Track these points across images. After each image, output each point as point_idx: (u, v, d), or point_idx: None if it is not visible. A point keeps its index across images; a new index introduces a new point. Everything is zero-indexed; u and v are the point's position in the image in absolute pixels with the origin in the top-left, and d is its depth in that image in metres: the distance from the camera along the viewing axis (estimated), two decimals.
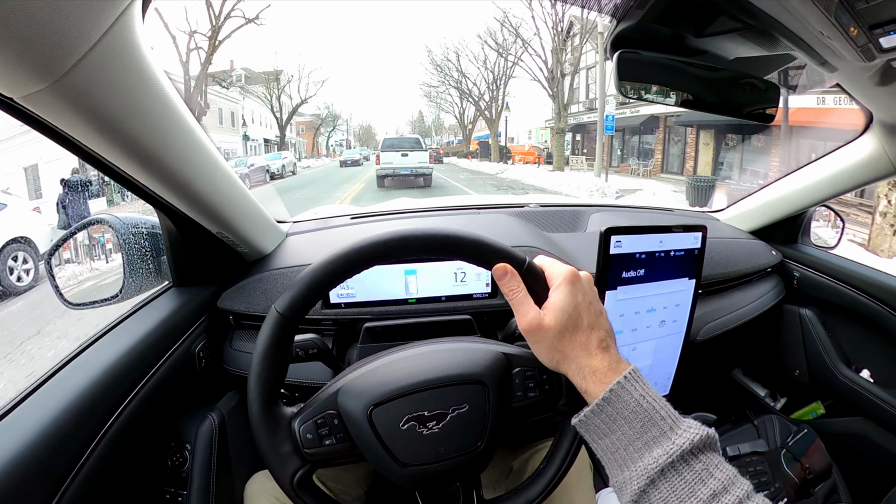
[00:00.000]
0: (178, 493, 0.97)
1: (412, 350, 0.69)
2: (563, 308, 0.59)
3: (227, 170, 0.92)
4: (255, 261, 1.19)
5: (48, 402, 0.72)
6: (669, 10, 0.76)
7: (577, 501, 0.96)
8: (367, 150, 47.09)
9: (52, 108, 0.56)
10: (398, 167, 16.45)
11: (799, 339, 1.65)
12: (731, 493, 0.50)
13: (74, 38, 0.48)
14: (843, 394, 1.57)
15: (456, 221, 1.46)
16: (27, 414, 0.70)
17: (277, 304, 0.60)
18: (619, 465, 0.55)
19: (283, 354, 0.62)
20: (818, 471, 1.54)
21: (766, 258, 1.59)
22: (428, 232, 0.62)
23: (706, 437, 0.53)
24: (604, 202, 1.78)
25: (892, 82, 0.87)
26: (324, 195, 15.95)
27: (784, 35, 0.69)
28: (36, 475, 0.66)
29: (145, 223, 1.00)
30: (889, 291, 1.44)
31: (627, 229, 1.04)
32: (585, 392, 0.58)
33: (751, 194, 1.71)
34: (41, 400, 0.73)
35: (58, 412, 0.71)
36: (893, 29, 0.61)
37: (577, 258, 1.28)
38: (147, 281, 0.99)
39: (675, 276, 1.13)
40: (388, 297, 1.14)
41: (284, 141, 38.77)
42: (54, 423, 0.69)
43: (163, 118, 0.70)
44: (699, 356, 1.35)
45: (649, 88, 0.89)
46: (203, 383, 1.06)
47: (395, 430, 0.61)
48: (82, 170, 9.71)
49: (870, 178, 1.33)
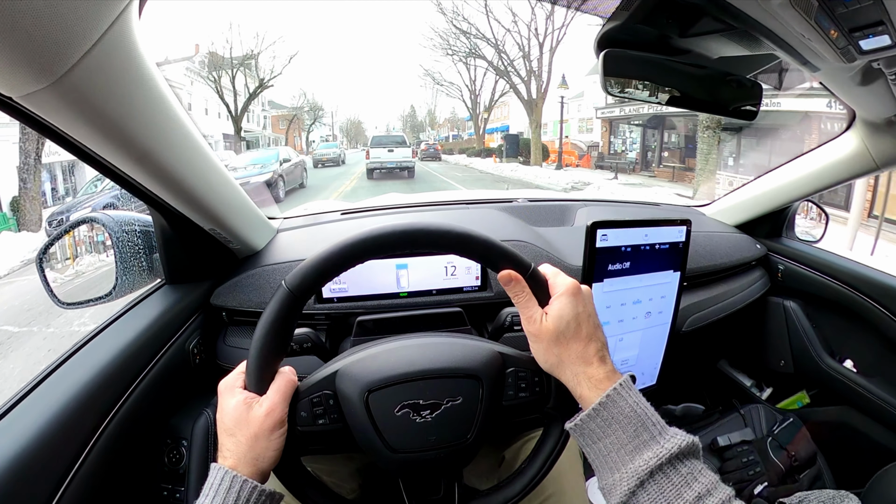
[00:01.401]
0: (175, 490, 0.98)
1: (412, 340, 0.71)
2: (562, 315, 0.61)
3: (219, 167, 0.92)
4: (246, 257, 1.20)
5: (45, 402, 0.73)
6: (655, 11, 0.77)
7: (568, 489, 0.98)
8: (339, 147, 35.32)
9: (51, 108, 0.56)
10: (385, 161, 18.69)
11: (784, 331, 1.69)
12: (714, 496, 0.52)
13: (75, 38, 0.49)
14: (827, 383, 1.60)
15: (446, 216, 1.47)
16: (25, 415, 0.71)
17: (287, 280, 0.61)
18: (609, 467, 0.57)
19: (287, 332, 0.63)
20: (804, 458, 1.58)
21: (750, 251, 1.62)
22: (442, 227, 0.63)
23: (691, 444, 0.56)
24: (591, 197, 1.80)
25: (872, 82, 0.89)
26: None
27: (766, 36, 0.70)
28: (35, 476, 0.67)
29: (138, 221, 1.00)
30: (871, 284, 1.47)
31: (613, 223, 1.06)
32: (580, 397, 0.61)
33: (736, 189, 1.74)
34: (38, 401, 0.73)
35: (55, 413, 0.71)
36: (872, 32, 0.63)
37: (565, 251, 1.29)
38: (140, 279, 0.99)
39: (660, 269, 1.15)
40: (380, 291, 1.15)
41: (241, 135, 31.11)
42: (52, 424, 0.70)
43: (159, 116, 0.70)
44: (685, 347, 1.38)
45: (635, 85, 0.90)
46: (198, 380, 1.07)
47: (390, 415, 0.63)
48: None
49: (852, 174, 1.36)
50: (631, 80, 0.90)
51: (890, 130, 1.15)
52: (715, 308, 1.45)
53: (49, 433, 0.69)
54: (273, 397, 0.60)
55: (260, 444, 0.58)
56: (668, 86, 0.91)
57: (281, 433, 0.60)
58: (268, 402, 0.59)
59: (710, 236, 1.56)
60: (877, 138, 1.21)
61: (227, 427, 0.60)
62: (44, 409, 0.71)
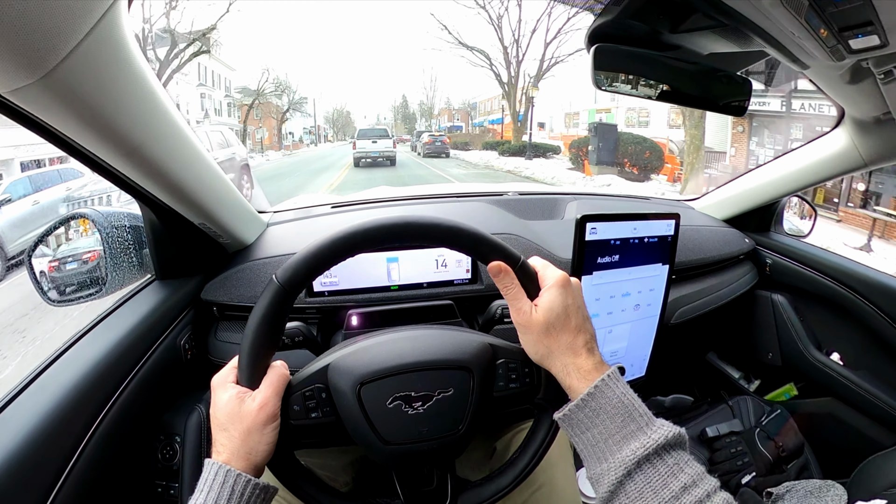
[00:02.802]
0: (169, 486, 0.98)
1: (403, 333, 0.71)
2: (552, 307, 0.62)
3: (209, 160, 0.92)
4: (236, 252, 1.20)
5: (38, 401, 0.72)
6: (646, 6, 0.78)
7: (559, 478, 0.99)
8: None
9: (40, 103, 0.56)
10: (369, 151, 21.06)
11: (771, 324, 1.71)
12: (699, 486, 0.53)
13: (64, 33, 0.48)
14: (814, 376, 1.63)
15: (436, 210, 1.47)
16: (18, 414, 0.70)
17: (278, 274, 0.61)
18: (597, 457, 0.58)
19: (278, 326, 0.63)
20: (791, 449, 1.61)
21: (738, 245, 1.64)
22: (432, 220, 0.64)
23: (678, 435, 0.57)
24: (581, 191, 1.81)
25: (861, 81, 0.90)
26: None
27: (757, 34, 0.71)
28: (30, 476, 0.66)
29: (127, 216, 1.00)
30: (858, 279, 1.50)
31: (602, 216, 1.07)
32: (569, 388, 0.61)
33: (726, 183, 1.75)
34: (31, 399, 0.73)
35: (48, 411, 0.71)
36: (862, 32, 0.64)
37: (555, 245, 1.30)
38: (130, 274, 0.99)
39: (648, 262, 1.16)
40: (371, 285, 1.15)
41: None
42: (45, 423, 0.70)
43: (148, 110, 0.70)
44: (674, 339, 1.40)
45: (625, 80, 0.91)
46: (190, 375, 1.06)
47: (382, 407, 0.63)
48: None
49: (841, 170, 1.38)
50: (621, 75, 0.91)
51: (878, 128, 1.17)
52: (703, 301, 1.47)
53: (43, 431, 0.69)
54: (265, 391, 0.60)
55: (253, 438, 0.59)
56: (658, 81, 0.92)
57: (274, 427, 0.60)
58: (260, 397, 0.60)
59: (698, 230, 1.57)
60: (865, 136, 1.22)
61: (220, 422, 0.60)
62: (37, 408, 0.71)
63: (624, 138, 16.90)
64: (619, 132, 17.49)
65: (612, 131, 17.51)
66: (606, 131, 17.43)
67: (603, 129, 17.64)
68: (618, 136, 17.13)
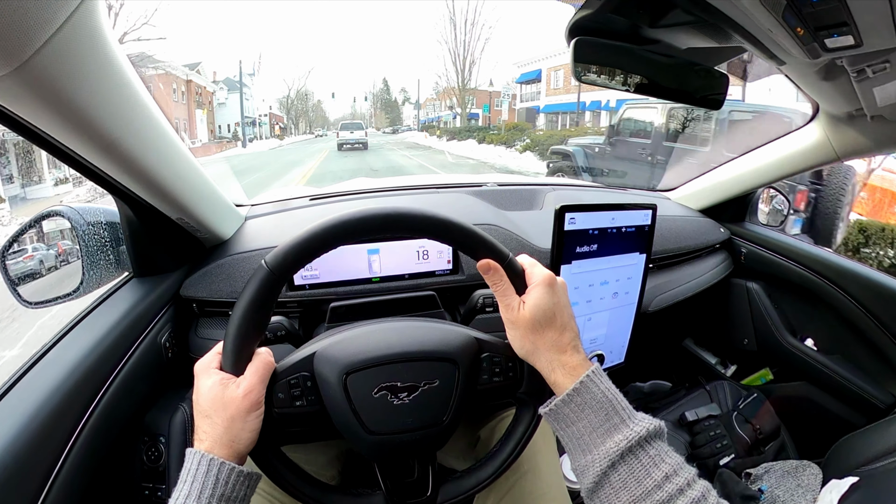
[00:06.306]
0: (156, 489, 0.96)
1: (390, 323, 0.71)
2: (539, 305, 0.63)
3: (186, 153, 0.90)
4: (214, 246, 1.17)
5: (19, 406, 0.71)
6: (626, 1, 0.78)
7: (543, 465, 1.01)
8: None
9: (13, 95, 0.54)
10: (349, 139, 29.17)
11: (747, 311, 1.75)
12: (679, 475, 0.56)
13: (38, 23, 0.47)
14: (789, 361, 1.68)
15: (416, 201, 1.46)
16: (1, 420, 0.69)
17: (267, 259, 0.60)
18: (582, 450, 0.60)
19: (266, 312, 0.62)
20: (768, 431, 1.67)
21: (714, 235, 1.67)
22: (424, 213, 0.64)
23: (658, 427, 0.60)
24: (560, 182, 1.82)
25: (836, 78, 0.92)
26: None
27: (735, 30, 0.72)
28: (15, 484, 0.65)
29: (103, 213, 0.97)
30: (829, 267, 1.55)
31: (581, 207, 1.08)
32: (554, 383, 0.63)
33: (702, 175, 1.78)
34: (11, 405, 0.71)
35: (30, 416, 0.69)
36: (837, 31, 0.65)
37: (534, 235, 1.31)
38: (107, 273, 0.96)
39: (626, 251, 1.19)
40: (352, 277, 1.14)
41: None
42: (27, 431, 0.68)
43: (126, 103, 0.68)
44: (652, 326, 1.42)
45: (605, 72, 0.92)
46: (172, 374, 1.05)
47: (368, 397, 0.64)
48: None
49: (814, 163, 1.42)
50: (601, 68, 0.91)
51: (850, 123, 1.20)
52: (680, 289, 1.50)
53: (26, 440, 0.67)
54: (251, 378, 0.60)
55: (236, 425, 0.58)
56: (637, 74, 0.93)
57: (258, 415, 0.60)
58: (245, 383, 0.59)
59: (675, 220, 1.60)
60: (838, 130, 1.26)
61: (202, 409, 0.59)
62: (19, 414, 0.69)
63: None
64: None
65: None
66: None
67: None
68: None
